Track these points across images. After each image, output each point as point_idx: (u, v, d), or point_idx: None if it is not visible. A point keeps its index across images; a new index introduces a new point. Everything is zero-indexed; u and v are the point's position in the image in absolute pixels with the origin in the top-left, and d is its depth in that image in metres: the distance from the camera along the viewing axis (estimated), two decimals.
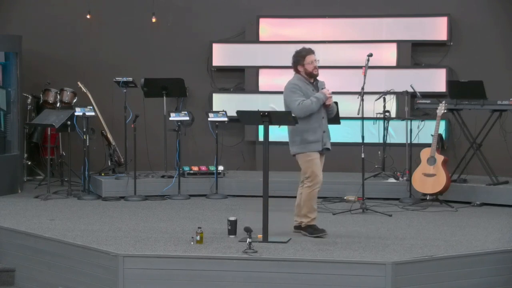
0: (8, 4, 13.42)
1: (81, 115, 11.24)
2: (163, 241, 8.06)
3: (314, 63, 8.41)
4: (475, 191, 10.85)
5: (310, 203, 8.43)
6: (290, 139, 8.45)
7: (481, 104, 10.98)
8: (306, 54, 8.41)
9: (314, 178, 8.36)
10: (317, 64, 8.43)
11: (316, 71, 8.44)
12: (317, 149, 8.38)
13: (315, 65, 8.41)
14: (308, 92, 8.38)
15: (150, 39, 13.30)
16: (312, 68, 8.40)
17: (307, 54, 8.41)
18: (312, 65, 8.40)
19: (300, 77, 8.46)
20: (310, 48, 8.49)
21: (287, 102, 8.41)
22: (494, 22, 12.56)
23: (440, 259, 7.46)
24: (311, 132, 8.35)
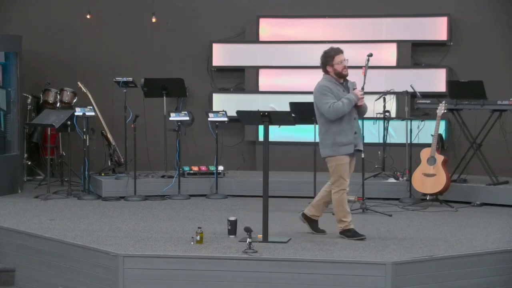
0: (8, 4, 13.42)
1: (81, 115, 11.24)
2: (163, 241, 8.05)
3: (343, 63, 8.23)
4: (475, 191, 10.85)
5: (342, 207, 8.28)
6: (321, 142, 8.30)
7: (481, 104, 10.98)
8: (335, 54, 8.24)
9: (341, 184, 8.26)
10: (346, 64, 8.27)
11: (345, 71, 8.26)
12: (348, 152, 8.24)
13: (344, 65, 8.24)
14: (338, 93, 8.20)
15: (150, 39, 13.31)
16: (341, 68, 8.22)
17: (335, 54, 8.24)
18: (342, 65, 8.22)
19: (329, 78, 8.26)
20: (338, 47, 8.33)
21: (318, 104, 8.21)
22: (494, 22, 12.56)
23: (440, 259, 7.46)
24: (343, 134, 8.20)
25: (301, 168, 11.97)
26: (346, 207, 8.31)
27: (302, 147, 12.13)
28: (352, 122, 8.24)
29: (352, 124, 8.24)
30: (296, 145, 12.57)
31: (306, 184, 10.92)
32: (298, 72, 13.03)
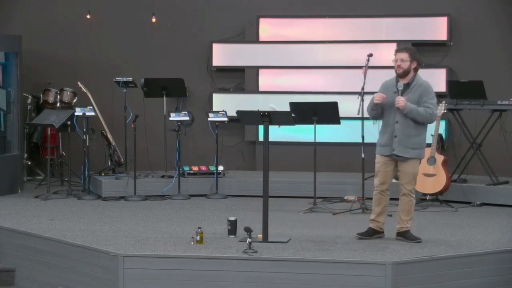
0: (8, 4, 13.41)
1: (81, 115, 11.25)
2: (163, 241, 8.06)
3: (396, 62, 8.14)
4: (475, 191, 10.85)
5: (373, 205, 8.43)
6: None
7: (481, 104, 10.98)
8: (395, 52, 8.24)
9: (375, 181, 8.34)
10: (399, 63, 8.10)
11: (398, 70, 8.13)
12: (382, 152, 8.23)
13: (397, 64, 8.12)
14: (388, 93, 8.19)
15: (150, 39, 13.30)
16: (395, 67, 8.16)
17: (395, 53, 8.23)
18: (395, 63, 8.15)
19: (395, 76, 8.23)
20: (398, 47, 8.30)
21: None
22: (494, 22, 12.55)
23: (440, 259, 7.46)
24: (381, 135, 8.26)
25: (301, 168, 11.97)
26: (373, 206, 8.40)
27: (302, 147, 12.12)
28: (393, 125, 8.12)
29: (393, 127, 8.12)
30: (296, 145, 12.56)
31: (306, 184, 10.91)
32: (298, 72, 13.03)
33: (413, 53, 8.14)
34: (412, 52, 8.15)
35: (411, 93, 8.08)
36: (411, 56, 8.10)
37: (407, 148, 8.10)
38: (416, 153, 8.14)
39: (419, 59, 8.20)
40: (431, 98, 8.09)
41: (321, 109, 10.31)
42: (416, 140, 8.12)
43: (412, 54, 8.12)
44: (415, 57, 8.13)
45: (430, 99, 8.07)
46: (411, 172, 8.17)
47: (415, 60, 8.13)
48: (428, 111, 8.02)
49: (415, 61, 8.13)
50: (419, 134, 8.15)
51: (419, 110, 8.02)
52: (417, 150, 8.15)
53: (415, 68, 8.14)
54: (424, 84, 8.13)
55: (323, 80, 12.97)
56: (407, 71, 8.10)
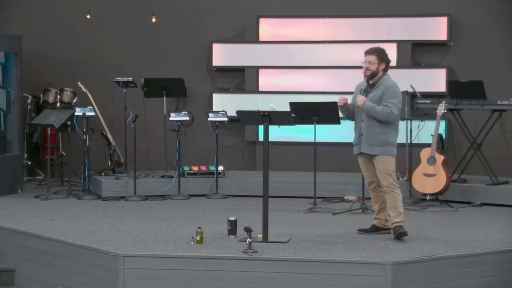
0: (8, 4, 13.42)
1: (81, 115, 11.25)
2: (163, 241, 8.06)
3: (364, 64, 8.31)
4: (475, 191, 10.85)
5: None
6: None
7: (481, 104, 10.98)
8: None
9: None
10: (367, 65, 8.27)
11: (366, 72, 8.30)
12: (355, 151, 8.41)
13: (365, 66, 8.29)
14: (356, 94, 8.38)
15: (150, 39, 13.30)
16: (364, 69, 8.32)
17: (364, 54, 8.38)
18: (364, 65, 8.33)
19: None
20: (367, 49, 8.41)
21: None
22: (494, 22, 12.56)
23: (440, 259, 7.46)
24: (354, 134, 8.42)
25: (301, 168, 11.97)
26: (372, 204, 8.64)
27: (302, 147, 12.13)
28: (359, 123, 8.32)
29: (359, 125, 8.32)
30: (296, 145, 12.57)
31: (306, 184, 10.91)
32: (298, 72, 13.04)
33: (382, 55, 8.29)
34: (381, 54, 8.29)
35: (374, 93, 8.27)
36: (379, 58, 8.26)
37: (372, 145, 8.26)
38: (382, 150, 8.26)
39: (388, 60, 8.34)
40: (392, 98, 8.20)
41: (321, 109, 10.31)
42: (381, 137, 8.24)
43: (381, 56, 8.28)
44: (383, 59, 8.29)
45: (391, 99, 8.19)
46: (382, 169, 8.27)
47: (384, 62, 8.29)
48: (385, 110, 8.15)
49: (384, 63, 8.29)
50: (384, 132, 8.24)
51: (376, 108, 8.17)
52: (383, 147, 8.26)
53: (383, 69, 8.30)
54: (388, 84, 8.27)
55: (323, 80, 12.97)
56: (375, 73, 8.29)
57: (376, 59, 8.24)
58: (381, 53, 8.29)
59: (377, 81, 8.29)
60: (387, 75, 8.34)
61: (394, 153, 8.34)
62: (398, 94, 8.27)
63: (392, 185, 8.28)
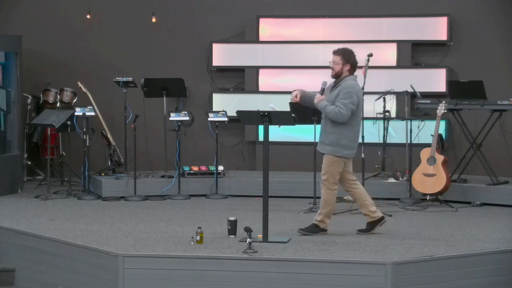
0: (8, 4, 13.42)
1: (81, 115, 11.24)
2: (163, 241, 8.05)
3: (330, 64, 8.42)
4: (475, 191, 10.85)
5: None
6: None
7: (481, 104, 10.98)
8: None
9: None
10: (332, 65, 8.39)
11: (332, 72, 8.42)
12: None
13: (331, 66, 8.41)
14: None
15: (150, 39, 13.30)
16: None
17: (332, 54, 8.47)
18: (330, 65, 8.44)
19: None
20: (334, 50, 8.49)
21: None
22: (494, 22, 12.55)
23: (440, 259, 7.46)
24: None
25: (301, 168, 11.97)
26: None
27: (302, 147, 12.13)
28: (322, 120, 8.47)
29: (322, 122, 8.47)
30: (296, 145, 12.57)
31: (306, 184, 10.91)
32: (298, 72, 13.04)
33: (347, 56, 8.34)
34: (346, 55, 8.34)
35: (333, 92, 8.34)
36: (344, 59, 8.32)
37: (323, 143, 8.39)
38: (330, 150, 8.31)
39: (353, 62, 8.36)
40: (344, 98, 8.21)
41: None
42: (331, 137, 8.29)
43: (346, 57, 8.33)
44: (348, 60, 8.34)
45: (342, 99, 8.21)
46: (325, 168, 8.37)
47: (349, 63, 8.33)
48: (334, 110, 8.19)
49: (349, 64, 8.33)
50: (335, 132, 8.28)
51: (327, 108, 8.25)
52: (332, 147, 8.30)
53: (349, 70, 8.35)
54: (345, 85, 8.28)
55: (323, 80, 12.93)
56: (339, 73, 8.36)
57: (341, 60, 8.32)
58: (347, 54, 8.35)
59: (339, 81, 8.36)
60: (352, 77, 8.37)
61: (344, 155, 8.32)
62: (351, 95, 8.23)
63: (325, 184, 8.39)
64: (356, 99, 8.23)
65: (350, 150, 8.33)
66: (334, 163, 8.32)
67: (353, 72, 8.37)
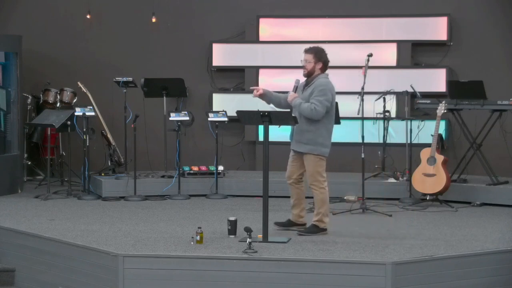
0: (8, 4, 13.42)
1: (81, 115, 11.24)
2: (163, 241, 8.05)
3: (302, 63, 8.47)
4: (475, 191, 10.85)
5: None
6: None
7: (481, 104, 10.98)
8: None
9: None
10: (304, 64, 8.42)
11: (303, 70, 8.45)
12: (291, 146, 8.54)
13: (303, 64, 8.45)
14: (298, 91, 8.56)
15: (150, 39, 13.31)
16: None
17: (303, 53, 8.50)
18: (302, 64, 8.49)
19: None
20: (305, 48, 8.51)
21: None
22: (494, 22, 12.56)
23: (440, 259, 7.46)
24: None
25: None
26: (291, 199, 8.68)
27: None
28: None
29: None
30: None
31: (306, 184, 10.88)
32: (298, 72, 12.89)
33: (319, 55, 8.38)
34: (318, 53, 8.38)
35: (306, 91, 8.36)
36: (316, 58, 8.37)
37: (299, 142, 8.37)
38: (309, 149, 8.32)
39: (325, 60, 8.40)
40: (318, 95, 8.23)
41: None
42: (308, 135, 8.30)
43: (317, 56, 8.38)
44: (320, 58, 8.38)
45: (317, 96, 8.23)
46: (309, 169, 8.40)
47: (321, 62, 8.37)
48: (310, 107, 8.21)
49: (321, 63, 8.38)
50: (312, 130, 8.29)
51: (302, 105, 8.25)
52: (310, 146, 8.32)
53: (321, 68, 8.40)
54: (319, 83, 8.31)
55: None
56: (311, 72, 8.40)
57: (313, 58, 8.36)
58: (318, 52, 8.39)
59: (312, 79, 8.39)
60: (324, 75, 8.41)
61: (322, 153, 8.36)
62: (326, 92, 8.26)
63: (315, 185, 8.42)
64: (331, 97, 8.30)
65: (327, 148, 8.40)
66: (317, 162, 8.37)
67: (325, 70, 8.43)
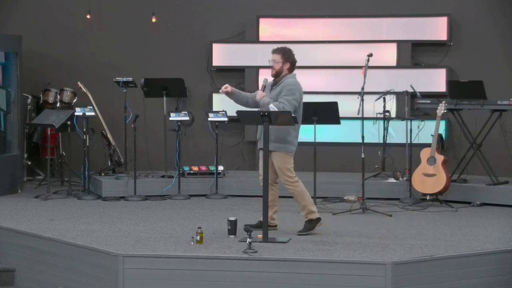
0: (8, 4, 13.42)
1: (81, 115, 11.24)
2: (163, 241, 8.05)
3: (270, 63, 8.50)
4: (475, 191, 10.85)
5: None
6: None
7: (481, 104, 10.98)
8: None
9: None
10: (272, 64, 8.47)
11: (272, 71, 8.49)
12: (258, 145, 8.60)
13: (271, 65, 8.49)
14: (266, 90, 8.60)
15: (150, 39, 13.31)
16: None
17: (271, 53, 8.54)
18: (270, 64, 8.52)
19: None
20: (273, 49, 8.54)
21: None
22: (494, 22, 12.56)
23: (440, 259, 7.46)
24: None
25: (301, 168, 11.93)
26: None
27: (302, 147, 12.03)
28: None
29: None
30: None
31: (306, 184, 10.86)
32: (298, 72, 12.88)
33: (286, 55, 8.45)
34: (285, 53, 8.45)
35: (274, 90, 8.42)
36: (284, 58, 8.44)
37: (260, 140, 8.39)
38: (277, 147, 8.37)
39: (293, 60, 8.47)
40: (287, 95, 8.30)
41: (321, 109, 10.31)
42: (276, 134, 8.36)
43: (285, 56, 8.45)
44: (288, 58, 8.46)
45: (285, 95, 8.30)
46: (277, 166, 8.42)
47: (288, 62, 8.45)
48: (278, 106, 8.24)
49: (288, 63, 8.46)
50: (280, 128, 8.34)
51: (271, 104, 8.28)
52: (279, 144, 8.37)
53: (288, 69, 8.47)
54: (287, 83, 8.37)
55: (323, 80, 12.97)
56: (279, 72, 8.47)
57: (281, 59, 8.42)
58: (286, 53, 8.46)
59: (280, 79, 8.44)
60: (292, 75, 8.48)
61: (290, 151, 8.42)
62: (294, 92, 8.33)
63: (287, 181, 8.45)
64: (299, 96, 8.38)
65: (294, 146, 8.45)
66: (285, 159, 8.41)
67: (292, 70, 8.50)
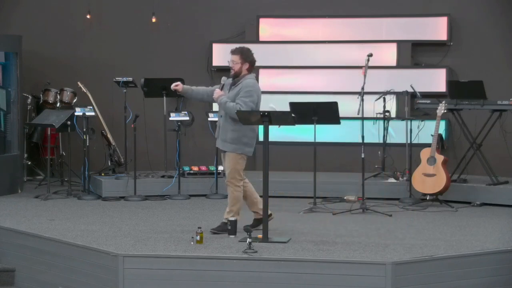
0: (8, 4, 13.42)
1: (81, 115, 11.24)
2: (163, 241, 8.06)
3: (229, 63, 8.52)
4: (475, 191, 10.85)
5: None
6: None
7: (481, 104, 10.98)
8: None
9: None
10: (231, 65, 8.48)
11: (231, 71, 8.51)
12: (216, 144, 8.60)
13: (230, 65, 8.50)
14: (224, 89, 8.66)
15: (150, 39, 13.30)
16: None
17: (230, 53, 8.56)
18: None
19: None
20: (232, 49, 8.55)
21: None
22: (494, 22, 12.56)
23: (440, 259, 7.46)
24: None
25: (301, 168, 11.97)
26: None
27: (302, 147, 12.12)
28: (218, 118, 8.59)
29: (218, 120, 8.59)
30: (296, 145, 12.57)
31: (306, 184, 10.91)
32: (298, 72, 13.04)
33: (245, 55, 8.46)
34: (244, 54, 8.46)
35: (233, 90, 8.43)
36: (243, 58, 8.45)
37: (224, 141, 8.43)
38: (233, 148, 8.38)
39: (252, 60, 8.47)
40: (244, 96, 8.31)
41: (321, 109, 10.30)
42: (233, 134, 8.36)
43: (244, 56, 8.45)
44: (246, 59, 8.46)
45: (243, 97, 8.31)
46: (228, 166, 8.41)
47: (247, 62, 8.46)
48: (235, 107, 8.28)
49: (247, 63, 8.47)
50: (237, 130, 8.34)
51: (227, 104, 8.34)
52: (234, 145, 8.37)
53: (247, 69, 8.48)
54: (246, 84, 8.37)
55: (323, 80, 12.97)
56: (239, 72, 8.47)
57: (239, 59, 8.43)
58: (245, 53, 8.46)
59: (239, 79, 8.44)
60: (251, 75, 8.48)
61: (245, 152, 8.42)
62: (252, 94, 8.33)
63: (231, 182, 8.42)
64: (256, 98, 8.37)
65: (250, 148, 8.44)
66: (238, 160, 8.40)
67: (251, 71, 8.50)
